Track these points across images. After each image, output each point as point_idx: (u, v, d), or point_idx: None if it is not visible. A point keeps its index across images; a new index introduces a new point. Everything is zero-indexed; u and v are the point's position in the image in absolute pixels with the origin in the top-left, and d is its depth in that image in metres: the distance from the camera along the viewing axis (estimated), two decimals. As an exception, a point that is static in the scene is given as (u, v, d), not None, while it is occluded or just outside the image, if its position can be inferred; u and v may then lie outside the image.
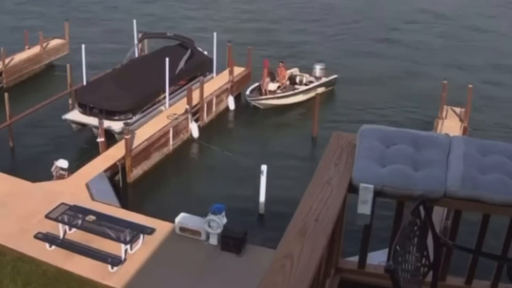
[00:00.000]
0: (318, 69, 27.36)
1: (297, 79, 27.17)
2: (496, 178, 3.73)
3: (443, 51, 32.51)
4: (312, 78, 27.24)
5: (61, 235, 14.89)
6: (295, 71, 27.70)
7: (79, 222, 15.01)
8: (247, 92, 25.81)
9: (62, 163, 18.68)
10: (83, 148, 21.98)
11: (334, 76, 27.56)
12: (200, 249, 14.73)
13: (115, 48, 29.85)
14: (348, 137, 4.25)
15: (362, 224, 3.88)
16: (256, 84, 26.28)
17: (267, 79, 26.10)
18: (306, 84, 26.89)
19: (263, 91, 25.97)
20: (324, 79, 27.26)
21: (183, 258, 14.37)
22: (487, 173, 3.79)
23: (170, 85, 23.52)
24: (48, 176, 18.53)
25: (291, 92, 26.16)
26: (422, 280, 3.48)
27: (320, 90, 26.55)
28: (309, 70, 27.56)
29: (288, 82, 26.83)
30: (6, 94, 22.08)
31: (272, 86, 26.28)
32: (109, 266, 14.02)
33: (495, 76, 29.48)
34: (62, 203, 15.71)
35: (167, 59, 22.84)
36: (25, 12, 37.03)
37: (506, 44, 34.29)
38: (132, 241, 14.56)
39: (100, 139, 20.24)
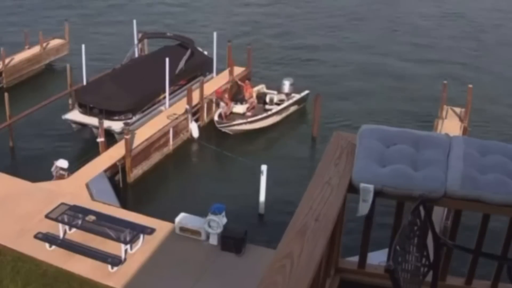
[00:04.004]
0: (287, 85, 24.97)
1: (267, 98, 24.70)
2: (496, 178, 3.73)
3: (444, 51, 32.50)
4: (282, 96, 24.82)
5: (61, 235, 14.88)
6: (262, 87, 25.53)
7: (79, 222, 15.00)
8: (215, 118, 23.35)
9: (62, 163, 18.67)
10: (83, 148, 21.98)
11: (306, 92, 25.20)
12: (200, 249, 14.72)
13: (115, 48, 29.84)
14: (348, 137, 4.25)
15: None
16: (220, 109, 23.87)
17: (231, 104, 23.90)
18: (277, 104, 24.43)
19: (223, 115, 23.46)
20: (296, 96, 24.93)
21: (183, 258, 14.36)
22: (487, 173, 3.79)
23: (170, 85, 23.51)
24: (48, 176, 18.52)
25: (264, 115, 23.66)
26: (422, 280, 3.48)
27: (293, 108, 24.80)
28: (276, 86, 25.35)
29: (256, 101, 24.64)
30: (6, 94, 22.07)
31: (240, 108, 24.00)
32: (109, 266, 14.01)
33: (495, 76, 29.47)
34: (62, 203, 15.70)
35: (167, 59, 22.85)
36: (25, 12, 37.00)
37: (507, 44, 34.25)
38: (132, 241, 14.55)
39: (100, 139, 20.24)
